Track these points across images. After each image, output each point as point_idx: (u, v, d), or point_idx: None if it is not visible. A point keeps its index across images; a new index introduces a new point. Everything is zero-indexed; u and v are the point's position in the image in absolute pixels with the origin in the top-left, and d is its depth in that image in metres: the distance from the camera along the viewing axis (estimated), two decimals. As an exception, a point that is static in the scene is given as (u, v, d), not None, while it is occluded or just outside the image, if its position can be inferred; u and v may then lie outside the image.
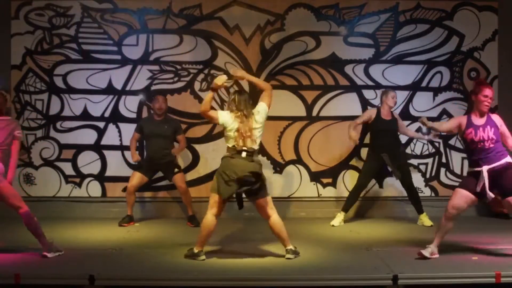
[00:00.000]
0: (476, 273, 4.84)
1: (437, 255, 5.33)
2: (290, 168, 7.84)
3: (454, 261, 5.23)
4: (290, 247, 5.42)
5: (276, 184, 7.79)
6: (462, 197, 5.24)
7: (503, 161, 5.18)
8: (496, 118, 5.34)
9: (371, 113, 7.18)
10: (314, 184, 7.84)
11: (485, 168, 5.14)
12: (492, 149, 5.19)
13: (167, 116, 7.26)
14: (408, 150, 7.81)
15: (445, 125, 5.55)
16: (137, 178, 7.08)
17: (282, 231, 5.44)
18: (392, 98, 7.14)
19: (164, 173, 7.26)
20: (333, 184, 7.85)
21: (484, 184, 5.13)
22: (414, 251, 5.48)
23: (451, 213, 5.26)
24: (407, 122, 7.71)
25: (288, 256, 5.38)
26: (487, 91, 5.25)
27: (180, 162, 7.64)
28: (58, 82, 7.73)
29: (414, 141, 7.83)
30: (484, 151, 5.18)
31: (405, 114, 7.80)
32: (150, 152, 7.10)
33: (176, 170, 7.15)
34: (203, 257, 5.33)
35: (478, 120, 5.27)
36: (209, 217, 5.39)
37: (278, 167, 7.82)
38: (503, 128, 5.30)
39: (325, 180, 7.86)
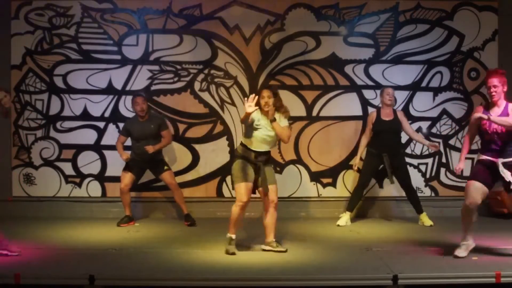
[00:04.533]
0: (476, 273, 4.85)
1: (473, 244, 5.37)
2: (290, 168, 7.84)
3: (454, 261, 5.23)
4: (271, 239, 5.71)
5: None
6: (479, 191, 5.19)
7: None
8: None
9: (372, 115, 7.19)
10: (314, 184, 7.84)
11: (500, 161, 5.14)
12: (506, 143, 5.16)
13: (150, 114, 7.24)
14: (408, 150, 7.81)
15: (470, 134, 5.46)
16: (128, 177, 7.08)
17: (270, 224, 5.74)
18: (387, 95, 7.13)
19: (152, 170, 7.24)
20: (333, 184, 7.85)
21: (503, 176, 5.12)
22: (414, 251, 5.50)
23: (472, 209, 5.23)
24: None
25: (263, 246, 5.70)
26: (489, 81, 5.23)
27: (180, 162, 7.66)
28: (58, 82, 7.74)
29: (414, 141, 7.82)
30: (497, 142, 5.17)
31: (405, 114, 7.79)
32: (139, 152, 7.06)
33: (165, 168, 7.14)
34: (233, 248, 5.56)
35: (494, 111, 5.22)
36: (235, 209, 5.68)
37: (278, 167, 7.82)
38: None
39: (325, 180, 7.86)
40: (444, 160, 7.88)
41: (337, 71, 7.82)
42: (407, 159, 7.66)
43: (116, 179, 7.62)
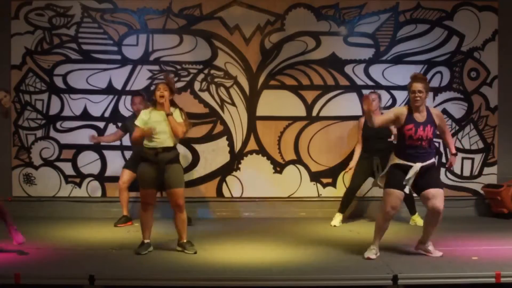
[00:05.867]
0: (476, 273, 4.85)
1: (378, 253, 5.39)
2: (290, 168, 7.84)
3: (454, 261, 5.23)
4: (182, 241, 5.68)
5: (276, 184, 7.80)
6: (397, 197, 5.25)
7: (432, 160, 5.27)
8: (436, 114, 5.30)
9: (361, 122, 7.20)
10: (314, 184, 7.84)
11: (418, 165, 5.18)
12: (426, 148, 5.22)
13: None
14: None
15: (379, 119, 5.38)
16: (127, 174, 7.09)
17: (179, 227, 5.72)
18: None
19: None
20: (333, 184, 7.85)
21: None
22: (414, 251, 5.50)
23: (391, 214, 5.32)
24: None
25: (177, 247, 5.69)
26: (413, 86, 5.21)
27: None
28: (58, 82, 7.73)
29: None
30: (419, 148, 5.20)
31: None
32: (136, 151, 7.06)
33: None
34: (143, 250, 5.57)
35: (419, 116, 5.23)
36: (139, 212, 5.81)
37: (278, 167, 7.82)
38: (443, 124, 5.33)
39: (325, 180, 7.86)
40: (444, 160, 7.87)
41: (337, 71, 7.82)
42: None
43: (116, 179, 7.62)
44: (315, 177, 7.84)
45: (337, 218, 7.15)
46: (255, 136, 7.80)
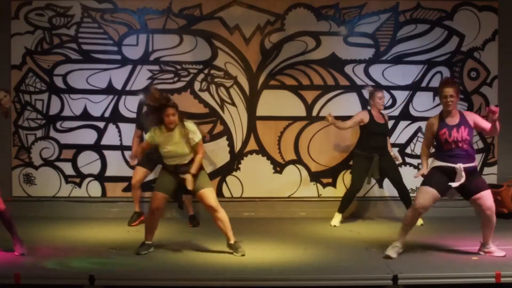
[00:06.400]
0: (476, 273, 4.86)
1: (401, 249, 5.40)
2: (290, 168, 7.84)
3: (454, 261, 5.24)
4: (231, 242, 5.58)
5: (276, 184, 7.80)
6: (432, 196, 5.24)
7: (473, 164, 5.27)
8: (469, 116, 5.32)
9: (363, 115, 7.10)
10: (314, 184, 7.84)
11: (461, 166, 5.18)
12: (466, 150, 5.22)
13: None
14: (408, 150, 7.83)
15: (428, 147, 5.44)
16: (141, 173, 7.10)
17: (222, 228, 5.61)
18: (380, 99, 7.09)
19: None
20: (333, 184, 7.85)
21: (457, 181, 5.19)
22: (414, 251, 5.50)
23: (421, 212, 5.33)
24: (407, 122, 7.77)
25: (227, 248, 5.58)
26: (445, 91, 5.23)
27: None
28: (58, 82, 7.74)
29: (414, 140, 7.83)
30: (457, 150, 5.21)
31: (405, 114, 7.81)
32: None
33: None
34: (143, 250, 5.56)
35: (451, 120, 5.26)
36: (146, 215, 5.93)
37: (278, 167, 7.82)
38: (477, 120, 5.29)
39: (325, 180, 7.86)
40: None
41: (337, 71, 7.82)
42: (408, 159, 7.71)
43: (116, 179, 7.65)
44: (315, 177, 7.84)
45: (337, 218, 7.15)
46: (255, 136, 7.80)
